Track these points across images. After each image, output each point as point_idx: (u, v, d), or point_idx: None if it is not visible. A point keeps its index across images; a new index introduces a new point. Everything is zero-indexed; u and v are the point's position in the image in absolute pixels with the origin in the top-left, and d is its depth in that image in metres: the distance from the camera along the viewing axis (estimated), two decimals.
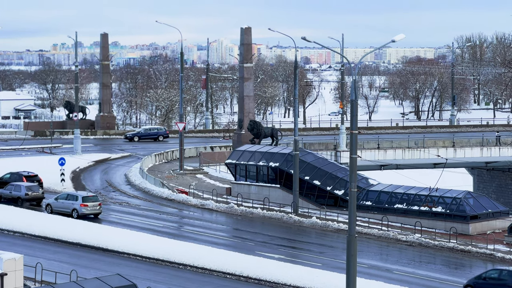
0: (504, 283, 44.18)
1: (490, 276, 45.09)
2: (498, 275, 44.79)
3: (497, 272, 45.09)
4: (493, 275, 45.06)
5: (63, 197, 65.08)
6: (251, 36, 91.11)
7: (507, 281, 44.21)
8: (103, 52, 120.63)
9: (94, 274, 45.13)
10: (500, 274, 44.84)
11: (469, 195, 63.09)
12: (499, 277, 44.67)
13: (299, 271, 47.74)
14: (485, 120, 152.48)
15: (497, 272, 45.20)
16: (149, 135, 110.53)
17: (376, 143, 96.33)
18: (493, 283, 44.57)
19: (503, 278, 44.50)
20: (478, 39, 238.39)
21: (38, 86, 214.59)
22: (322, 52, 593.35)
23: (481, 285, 44.77)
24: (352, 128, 38.17)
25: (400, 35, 38.09)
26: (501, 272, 44.88)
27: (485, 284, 44.71)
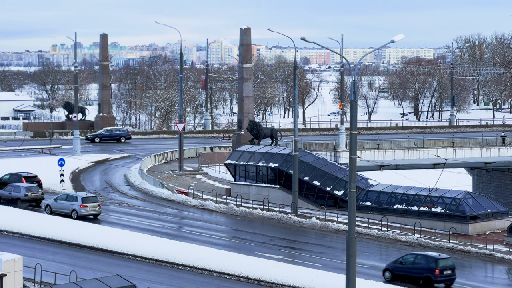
0: (418, 266, 47.77)
1: (406, 260, 48.54)
2: (413, 259, 48.31)
3: (413, 257, 48.49)
4: (409, 259, 48.54)
5: (63, 198, 65.05)
6: (250, 37, 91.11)
7: (421, 264, 47.83)
8: (103, 52, 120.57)
9: (94, 275, 45.12)
10: (415, 258, 48.35)
11: (468, 195, 63.10)
12: (414, 261, 48.19)
13: (298, 272, 47.73)
14: (484, 120, 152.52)
15: (412, 256, 48.62)
16: (110, 136, 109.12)
17: (375, 144, 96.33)
18: (409, 266, 48.22)
19: (418, 261, 48.10)
20: (478, 40, 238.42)
21: (38, 87, 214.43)
22: (321, 52, 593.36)
23: (398, 269, 48.42)
24: (352, 129, 38.16)
25: (400, 36, 38.08)
26: (416, 256, 48.48)
27: (401, 267, 48.42)
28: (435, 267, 47.52)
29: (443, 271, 47.66)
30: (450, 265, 48.11)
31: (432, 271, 47.55)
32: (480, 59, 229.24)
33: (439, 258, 48.12)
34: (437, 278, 47.54)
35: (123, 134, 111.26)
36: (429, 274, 47.62)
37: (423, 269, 47.90)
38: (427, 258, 48.22)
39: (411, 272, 48.23)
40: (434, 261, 47.79)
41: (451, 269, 48.04)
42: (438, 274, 47.48)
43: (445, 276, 47.75)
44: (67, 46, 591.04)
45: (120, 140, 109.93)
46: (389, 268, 49.01)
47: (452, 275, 48.03)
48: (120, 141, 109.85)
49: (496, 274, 52.64)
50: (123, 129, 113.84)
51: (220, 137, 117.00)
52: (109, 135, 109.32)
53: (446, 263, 48.05)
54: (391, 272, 48.81)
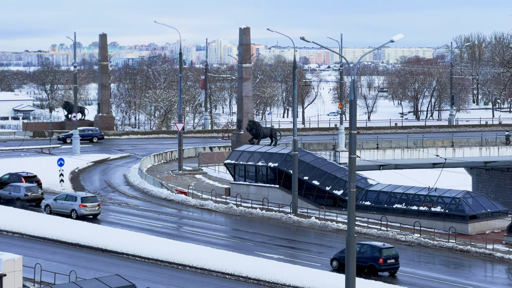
0: (363, 255, 49.67)
1: None
2: (359, 249, 49.75)
3: (358, 246, 49.84)
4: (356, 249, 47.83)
5: (62, 197, 65.07)
6: (249, 37, 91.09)
7: (366, 253, 49.99)
8: (102, 52, 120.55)
9: (93, 274, 45.13)
10: (360, 248, 50.29)
11: (468, 195, 63.11)
12: (360, 250, 49.83)
13: (298, 271, 47.74)
14: (484, 120, 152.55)
15: (358, 246, 49.57)
16: (82, 136, 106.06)
17: (375, 143, 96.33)
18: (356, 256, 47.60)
19: (363, 251, 50.24)
20: (477, 39, 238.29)
21: (37, 87, 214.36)
22: (321, 52, 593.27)
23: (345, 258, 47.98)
24: (351, 128, 38.17)
25: (399, 35, 38.08)
26: (362, 246, 50.59)
27: None
28: (379, 256, 49.62)
29: (387, 260, 49.76)
30: (393, 255, 50.14)
31: (376, 260, 49.64)
32: (479, 58, 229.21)
33: (383, 247, 50.24)
34: (381, 266, 49.69)
35: (95, 134, 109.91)
36: (373, 263, 49.72)
37: (368, 258, 49.90)
38: (372, 248, 50.38)
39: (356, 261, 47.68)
40: (378, 251, 49.88)
41: (394, 258, 50.09)
42: (382, 263, 49.61)
43: (388, 265, 49.89)
44: (66, 46, 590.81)
45: (93, 140, 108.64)
46: (336, 258, 50.90)
47: (395, 264, 50.10)
48: (93, 141, 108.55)
49: (495, 274, 52.67)
50: (95, 129, 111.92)
51: (219, 137, 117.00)
52: (81, 135, 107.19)
53: (390, 252, 50.11)
54: (338, 261, 50.61)
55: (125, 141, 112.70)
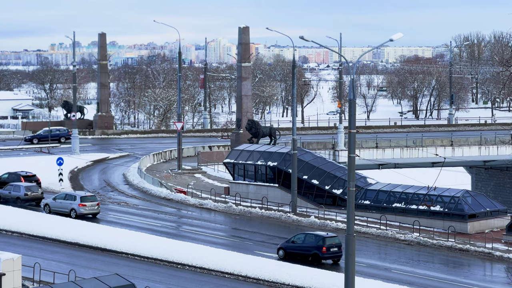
0: (307, 244, 52.35)
1: (297, 239, 53.26)
2: (303, 238, 53.02)
3: (303, 236, 53.33)
4: (300, 238, 53.27)
5: (61, 197, 65.04)
6: (249, 36, 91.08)
7: (310, 242, 52.40)
8: (101, 51, 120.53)
9: (93, 274, 45.11)
10: (305, 237, 53.08)
11: (467, 194, 63.12)
12: (304, 239, 52.86)
13: (297, 271, 47.74)
14: (483, 119, 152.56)
15: (303, 235, 53.42)
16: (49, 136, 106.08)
17: (374, 142, 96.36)
18: (299, 245, 52.83)
19: (307, 240, 52.77)
20: (476, 38, 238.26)
21: (36, 86, 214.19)
22: (320, 51, 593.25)
23: (290, 247, 53.06)
24: (350, 127, 38.16)
25: (398, 34, 38.05)
26: (306, 235, 53.27)
27: (293, 246, 53.03)
28: (322, 245, 52.02)
29: (330, 248, 52.18)
30: (336, 243, 52.42)
31: (320, 248, 52.00)
32: (478, 57, 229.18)
33: (326, 236, 52.60)
34: (324, 255, 52.09)
35: (63, 134, 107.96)
36: (317, 252, 52.06)
37: (311, 247, 52.28)
38: (316, 237, 52.77)
39: (301, 250, 52.65)
40: (321, 240, 52.26)
41: (337, 246, 52.37)
42: (325, 251, 52.05)
43: (331, 253, 52.34)
44: (65, 45, 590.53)
45: (60, 141, 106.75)
46: (283, 247, 53.35)
47: (338, 252, 52.33)
48: (60, 141, 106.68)
49: (495, 273, 52.69)
50: (63, 129, 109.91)
51: (218, 136, 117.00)
52: (47, 135, 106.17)
53: (333, 241, 52.49)
54: (284, 251, 53.12)
55: (124, 140, 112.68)
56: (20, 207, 66.02)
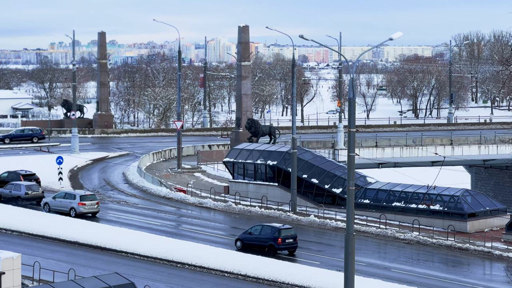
0: (263, 236, 54.04)
1: (254, 231, 54.91)
2: (260, 230, 54.70)
3: (259, 227, 55.05)
4: (257, 230, 54.95)
5: (61, 196, 65.02)
6: (248, 35, 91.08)
7: (266, 234, 54.06)
8: (101, 50, 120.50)
9: (92, 272, 45.13)
10: (261, 228, 54.78)
11: (467, 193, 63.13)
12: (261, 231, 54.52)
13: (297, 269, 47.77)
14: (482, 118, 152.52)
15: (259, 227, 55.17)
16: (21, 136, 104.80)
17: (374, 141, 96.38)
18: (256, 236, 54.47)
19: (264, 232, 54.42)
20: (476, 37, 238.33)
21: (36, 85, 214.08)
22: (320, 50, 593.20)
23: (248, 238, 54.70)
24: (350, 126, 38.16)
25: (398, 33, 38.05)
26: (262, 227, 54.94)
27: (250, 237, 54.68)
28: (278, 236, 53.58)
29: (285, 239, 53.71)
30: (291, 235, 54.22)
31: (276, 240, 53.55)
32: (478, 56, 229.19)
33: (281, 228, 54.26)
34: (279, 246, 53.60)
35: (36, 134, 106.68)
36: (272, 243, 53.56)
37: (268, 238, 53.95)
38: (271, 229, 54.37)
39: (258, 241, 54.34)
40: (277, 231, 53.81)
41: (292, 238, 54.17)
42: (281, 242, 53.55)
43: (287, 244, 53.86)
44: (65, 44, 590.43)
45: (33, 140, 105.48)
46: (240, 238, 55.01)
47: (293, 243, 54.13)
48: (33, 141, 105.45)
49: (494, 272, 52.69)
50: (36, 129, 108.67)
51: (218, 135, 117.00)
52: (20, 135, 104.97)
53: (288, 233, 54.16)
54: (241, 242, 54.71)
55: (124, 139, 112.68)
56: (21, 206, 66.02)
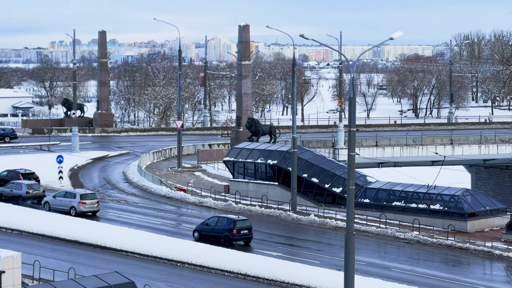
0: (219, 227, 56.15)
1: (211, 222, 57.01)
2: (216, 221, 56.83)
3: (216, 219, 57.27)
4: (213, 221, 57.05)
5: (61, 194, 65.02)
6: (249, 34, 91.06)
7: (222, 225, 56.18)
8: (101, 49, 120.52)
9: (92, 271, 45.12)
10: (218, 220, 56.92)
11: (467, 192, 63.13)
12: (217, 222, 56.63)
13: (297, 269, 47.76)
14: (483, 118, 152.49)
15: (216, 218, 57.39)
16: None
17: (374, 141, 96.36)
18: (213, 227, 56.53)
19: (220, 223, 56.49)
20: (476, 37, 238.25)
21: (36, 84, 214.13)
22: (320, 49, 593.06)
23: (205, 230, 56.80)
24: (350, 126, 38.16)
25: (398, 33, 38.05)
26: (219, 219, 57.08)
27: (207, 228, 56.76)
28: (233, 227, 55.67)
29: (240, 230, 55.78)
30: (247, 226, 56.17)
31: (231, 231, 55.62)
32: (478, 56, 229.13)
33: (237, 219, 56.37)
34: (234, 236, 55.60)
35: (7, 134, 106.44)
36: (228, 234, 55.65)
37: (223, 229, 56.01)
38: (227, 220, 56.48)
39: (214, 232, 56.43)
40: (232, 222, 55.89)
41: (247, 229, 56.13)
42: (236, 233, 55.59)
43: (242, 235, 55.90)
44: (65, 43, 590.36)
45: (5, 140, 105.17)
46: (198, 229, 57.25)
47: (248, 234, 56.13)
48: (5, 140, 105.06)
49: (494, 271, 52.69)
50: (8, 129, 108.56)
51: (218, 134, 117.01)
52: None
53: (243, 224, 56.18)
54: (199, 233, 56.91)
55: (124, 138, 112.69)
56: (22, 205, 66.03)
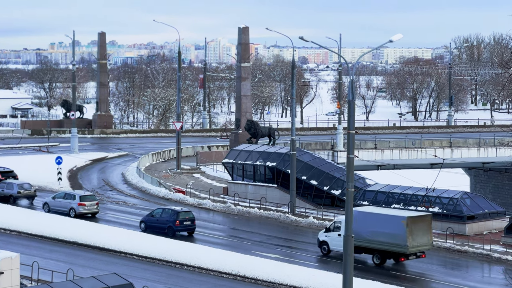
0: (164, 218, 58.65)
1: (156, 213, 59.40)
2: (161, 212, 59.28)
3: (160, 210, 59.73)
4: (158, 212, 59.40)
5: (61, 196, 65.03)
6: (248, 36, 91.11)
7: (166, 216, 58.54)
8: (101, 51, 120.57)
9: (91, 273, 45.11)
10: (162, 211, 59.34)
11: (466, 195, 63.12)
12: (161, 214, 59.04)
13: (295, 271, 47.75)
14: (482, 121, 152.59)
15: (160, 210, 59.90)
16: None
17: (373, 143, 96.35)
18: (157, 218, 58.89)
19: (164, 214, 58.83)
20: (476, 40, 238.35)
21: (36, 85, 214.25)
22: (319, 52, 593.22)
23: (150, 221, 59.26)
24: (349, 128, 38.19)
25: (398, 35, 38.08)
26: (163, 210, 59.48)
27: (152, 219, 59.27)
28: (176, 219, 58.13)
29: (183, 222, 58.29)
30: (190, 217, 58.69)
31: (174, 222, 58.02)
32: (478, 59, 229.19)
33: (180, 211, 58.69)
34: (177, 227, 58.11)
35: None
36: (171, 225, 58.11)
37: (167, 220, 58.42)
38: (171, 211, 58.77)
39: (158, 223, 58.79)
40: (175, 214, 58.32)
41: (190, 220, 58.65)
42: (179, 224, 58.10)
43: (185, 226, 58.43)
44: (65, 44, 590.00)
45: None
46: (144, 221, 59.58)
47: (191, 225, 58.72)
48: None
49: (493, 274, 52.69)
50: None
51: (218, 136, 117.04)
52: None
53: (186, 215, 58.70)
54: (145, 224, 59.33)
55: (123, 140, 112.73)
56: (13, 205, 66.09)
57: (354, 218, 44.46)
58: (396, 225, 50.64)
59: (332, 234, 53.81)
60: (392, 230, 50.76)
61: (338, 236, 52.58)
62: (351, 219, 38.02)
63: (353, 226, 40.99)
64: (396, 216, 51.52)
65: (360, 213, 51.83)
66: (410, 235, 50.16)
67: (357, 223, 48.40)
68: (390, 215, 52.48)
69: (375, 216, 52.39)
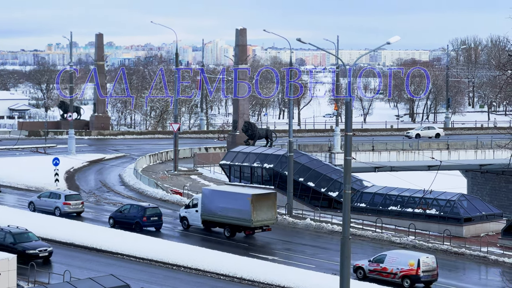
0: (131, 214, 59.50)
1: (124, 209, 60.33)
2: (129, 208, 60.22)
3: (128, 206, 60.70)
4: (126, 208, 60.29)
5: (46, 195, 65.14)
6: (246, 37, 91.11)
7: (134, 212, 59.41)
8: (98, 52, 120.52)
9: (88, 274, 45.07)
10: (130, 207, 60.33)
11: (463, 197, 63.17)
12: (129, 209, 59.95)
13: (292, 273, 47.73)
14: (479, 123, 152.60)
15: (128, 206, 60.86)
16: None
17: (370, 145, 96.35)
18: (126, 214, 59.74)
19: (132, 210, 59.75)
20: (473, 42, 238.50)
21: (33, 86, 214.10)
22: (317, 53, 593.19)
23: (118, 216, 60.19)
24: (347, 130, 38.20)
25: (395, 37, 38.11)
26: (131, 206, 60.52)
27: (120, 215, 60.21)
28: (143, 215, 59.07)
29: (150, 217, 59.33)
30: (157, 213, 59.68)
31: (141, 218, 58.99)
32: (475, 61, 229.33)
33: (147, 207, 59.92)
34: (144, 223, 59.02)
35: None
36: (138, 220, 59.02)
37: (135, 216, 59.33)
38: (138, 207, 59.94)
39: (126, 218, 59.65)
40: (143, 210, 59.36)
41: (157, 216, 59.66)
42: (146, 220, 59.10)
43: (151, 222, 59.39)
44: (62, 45, 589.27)
45: None
46: (112, 216, 60.59)
47: (158, 221, 59.63)
48: None
49: (490, 276, 52.73)
50: None
51: (215, 138, 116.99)
52: None
53: (153, 211, 59.66)
54: (113, 219, 60.28)
55: (121, 141, 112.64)
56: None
57: (207, 196, 57.11)
58: (243, 202, 56.61)
59: (190, 210, 60.13)
60: (239, 206, 56.65)
61: (195, 212, 59.56)
62: (349, 221, 38.00)
63: (206, 203, 53.54)
64: (243, 194, 57.12)
65: (212, 191, 58.57)
66: (254, 210, 56.33)
67: (210, 200, 57.74)
68: (237, 193, 57.83)
69: (225, 194, 57.94)
